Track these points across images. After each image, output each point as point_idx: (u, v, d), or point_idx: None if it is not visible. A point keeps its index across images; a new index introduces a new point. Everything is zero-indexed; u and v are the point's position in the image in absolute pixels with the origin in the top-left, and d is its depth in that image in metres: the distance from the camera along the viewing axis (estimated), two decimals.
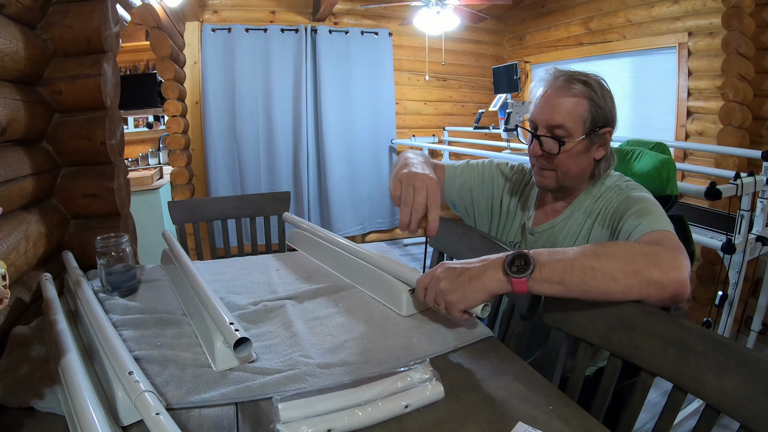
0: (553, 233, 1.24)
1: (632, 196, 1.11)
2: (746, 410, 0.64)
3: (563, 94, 1.13)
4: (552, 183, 1.21)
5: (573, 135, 1.13)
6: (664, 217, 1.00)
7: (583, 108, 1.12)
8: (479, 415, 0.73)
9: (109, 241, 1.20)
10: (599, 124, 1.14)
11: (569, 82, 1.13)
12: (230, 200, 2.13)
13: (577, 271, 0.82)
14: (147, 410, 0.64)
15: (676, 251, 0.86)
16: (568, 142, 1.13)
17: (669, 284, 0.81)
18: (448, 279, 0.90)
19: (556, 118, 1.13)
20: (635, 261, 0.82)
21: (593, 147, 1.16)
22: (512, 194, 1.39)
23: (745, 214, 2.16)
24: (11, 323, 1.06)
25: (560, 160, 1.16)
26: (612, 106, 1.15)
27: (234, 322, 0.86)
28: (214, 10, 4.32)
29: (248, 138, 4.42)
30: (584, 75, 1.14)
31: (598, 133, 1.15)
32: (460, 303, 0.88)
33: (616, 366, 0.87)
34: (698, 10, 3.31)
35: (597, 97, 1.12)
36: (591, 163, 1.19)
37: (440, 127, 5.29)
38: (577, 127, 1.13)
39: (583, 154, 1.16)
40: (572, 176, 1.19)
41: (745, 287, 2.60)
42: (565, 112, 1.12)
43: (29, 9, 1.27)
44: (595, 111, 1.12)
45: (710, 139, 3.24)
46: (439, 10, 3.67)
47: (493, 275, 0.87)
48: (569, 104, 1.12)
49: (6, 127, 1.12)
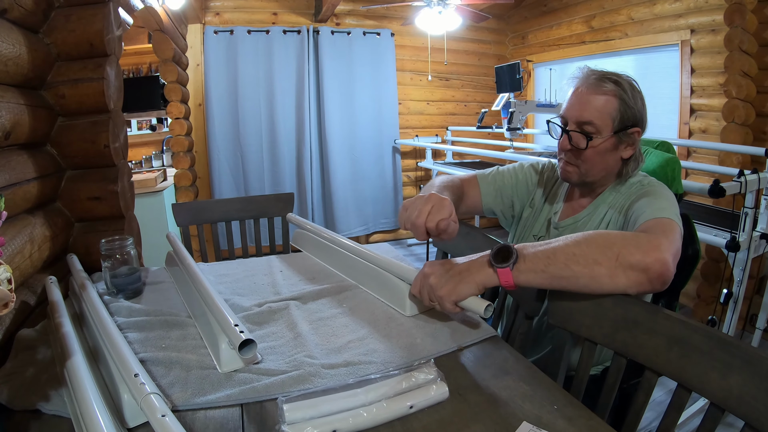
0: (576, 228, 1.25)
1: (650, 189, 1.12)
2: (751, 408, 0.64)
3: (594, 92, 1.14)
4: (575, 177, 1.22)
5: (601, 132, 1.14)
6: (670, 207, 1.01)
7: (612, 106, 1.13)
8: (484, 415, 0.73)
9: (113, 243, 1.21)
10: (628, 124, 1.14)
11: (601, 81, 1.14)
12: (234, 202, 2.14)
13: (560, 258, 0.85)
14: (153, 412, 0.64)
15: (660, 234, 0.87)
16: (596, 138, 1.14)
17: (650, 264, 0.81)
18: (436, 275, 0.95)
19: (586, 114, 1.14)
20: (614, 244, 0.85)
21: (621, 146, 1.17)
22: (543, 190, 1.40)
23: (749, 211, 2.15)
24: (17, 326, 1.07)
25: (587, 156, 1.17)
26: (642, 107, 1.16)
27: (239, 324, 0.86)
28: (216, 12, 4.33)
29: (251, 139, 4.43)
30: (616, 75, 1.16)
31: (627, 133, 1.15)
32: (451, 295, 0.92)
33: (620, 365, 0.87)
34: (700, 6, 3.29)
35: (627, 97, 1.13)
36: (618, 162, 1.20)
37: (443, 126, 5.28)
38: (605, 124, 1.14)
39: (610, 152, 1.17)
40: (596, 173, 1.20)
41: (750, 285, 2.60)
42: (594, 110, 1.14)
43: (32, 13, 1.27)
44: (625, 110, 1.13)
45: (714, 136, 3.23)
46: (441, 9, 3.67)
47: (480, 268, 0.92)
48: (599, 102, 1.14)
49: (10, 131, 1.13)
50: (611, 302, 0.86)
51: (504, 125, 3.79)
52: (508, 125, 3.64)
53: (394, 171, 5.04)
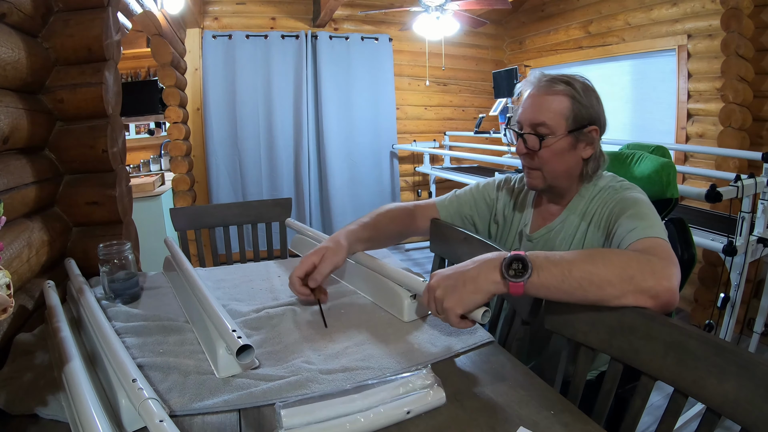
0: (550, 238, 1.25)
1: (627, 197, 1.11)
2: (747, 413, 0.64)
3: (546, 93, 1.17)
4: (540, 183, 1.23)
5: (555, 132, 1.15)
6: (658, 223, 1.01)
7: (564, 106, 1.15)
8: (481, 421, 0.73)
9: (111, 248, 1.21)
10: (584, 123, 1.16)
11: (552, 83, 1.17)
12: (232, 207, 2.14)
13: (576, 276, 0.83)
14: (150, 417, 0.64)
15: (668, 261, 0.87)
16: (549, 138, 1.16)
17: (661, 293, 0.82)
18: (442, 287, 0.90)
19: (539, 116, 1.16)
20: (630, 267, 0.83)
21: (579, 145, 1.18)
22: (507, 204, 1.41)
23: (746, 215, 2.15)
24: (14, 331, 1.07)
25: (544, 158, 1.18)
26: (598, 107, 1.18)
27: (236, 329, 0.86)
28: (215, 16, 4.34)
29: (249, 144, 4.44)
30: (568, 76, 1.18)
31: (583, 132, 1.16)
32: (457, 307, 0.87)
33: (617, 370, 0.87)
34: (697, 12, 3.31)
35: (579, 96, 1.15)
36: (579, 162, 1.20)
37: (441, 131, 5.29)
38: (558, 124, 1.15)
39: (568, 152, 1.18)
40: (559, 175, 1.20)
41: (747, 289, 2.60)
42: (546, 110, 1.15)
43: (31, 18, 1.28)
44: (578, 109, 1.15)
45: (710, 141, 3.24)
46: (438, 15, 3.69)
47: (489, 276, 0.87)
48: (551, 102, 1.16)
49: (8, 136, 1.13)
50: (608, 308, 0.86)
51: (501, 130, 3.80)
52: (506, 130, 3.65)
53: (392, 176, 5.05)
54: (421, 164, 5.04)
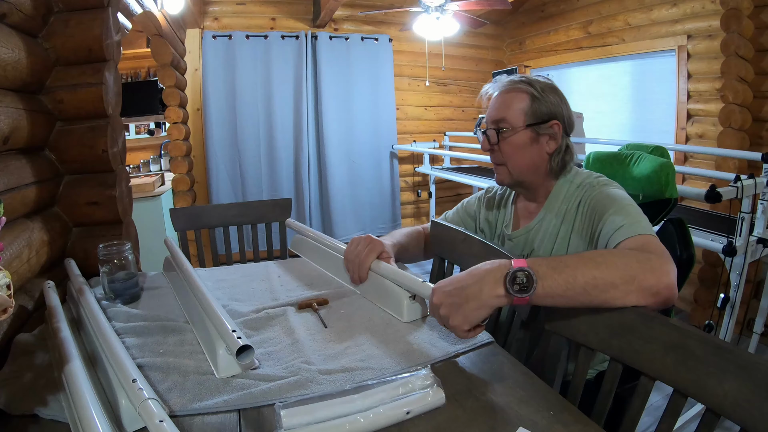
0: (529, 237, 1.28)
1: (605, 193, 1.12)
2: (746, 413, 0.65)
3: (505, 92, 1.24)
4: (506, 178, 1.28)
5: (514, 126, 1.21)
6: (642, 218, 1.02)
7: (522, 100, 1.21)
8: (480, 421, 0.74)
9: (111, 248, 1.21)
10: (543, 118, 1.20)
11: (511, 83, 1.25)
12: (232, 207, 2.14)
13: (580, 282, 0.83)
14: (150, 417, 0.64)
15: (664, 257, 0.88)
16: (506, 131, 1.22)
17: (662, 290, 0.82)
18: (446, 305, 0.89)
19: (499, 113, 1.23)
20: (631, 267, 0.84)
21: (541, 139, 1.22)
22: (489, 211, 1.46)
23: (746, 216, 2.15)
24: (14, 331, 1.07)
25: (506, 152, 1.24)
26: (560, 104, 1.22)
27: (236, 330, 0.86)
28: (215, 17, 4.34)
29: (249, 144, 4.43)
30: (529, 77, 1.25)
31: (544, 126, 1.21)
32: (464, 325, 0.87)
33: (616, 370, 0.87)
34: (697, 12, 3.31)
35: (538, 92, 1.20)
36: (543, 157, 1.24)
37: (441, 132, 5.29)
38: (517, 118, 1.21)
39: (530, 146, 1.22)
40: (524, 169, 1.25)
41: (747, 289, 2.60)
42: (506, 107, 1.22)
43: (31, 18, 1.28)
44: (537, 105, 1.20)
45: (710, 141, 3.24)
46: (438, 15, 3.69)
47: (492, 291, 0.85)
48: (510, 99, 1.23)
49: (8, 136, 1.13)
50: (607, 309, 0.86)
51: None
52: None
53: (392, 176, 5.05)
54: (421, 165, 5.04)
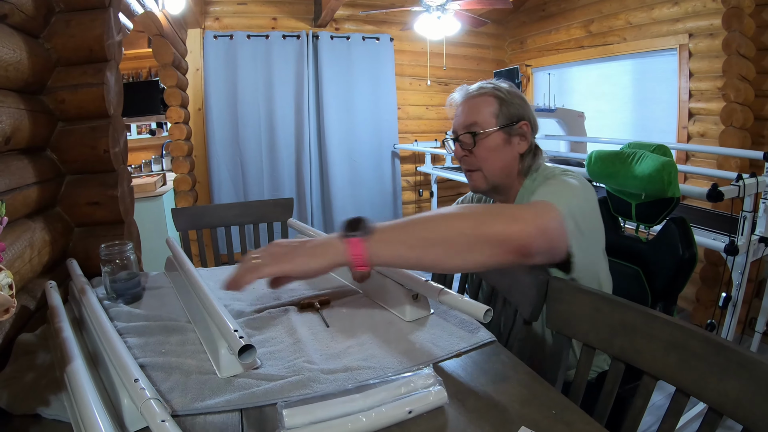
0: None
1: (555, 179, 1.13)
2: (749, 412, 0.65)
3: (473, 98, 1.25)
4: (482, 183, 1.27)
5: (487, 129, 1.22)
6: (566, 197, 0.99)
7: (491, 104, 1.22)
8: (482, 420, 0.74)
9: (113, 248, 1.21)
10: (513, 119, 1.22)
11: (478, 89, 1.25)
12: (233, 207, 2.14)
13: (419, 227, 0.82)
14: (153, 417, 0.65)
15: (526, 207, 0.87)
16: (481, 134, 1.22)
17: (512, 235, 0.81)
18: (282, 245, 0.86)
19: (470, 118, 1.23)
20: (477, 215, 0.84)
21: (513, 140, 1.23)
22: None
23: (748, 215, 2.15)
24: (16, 331, 1.07)
25: (480, 156, 1.23)
26: (525, 105, 1.24)
27: (238, 329, 0.86)
28: (216, 17, 4.34)
29: (251, 144, 4.43)
30: (492, 81, 1.26)
31: (515, 127, 1.22)
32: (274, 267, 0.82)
33: (618, 370, 0.87)
34: (698, 11, 3.31)
35: (504, 95, 1.22)
36: (515, 158, 1.24)
37: (442, 131, 5.28)
38: (488, 121, 1.22)
39: (503, 148, 1.23)
40: (498, 172, 1.25)
41: (749, 288, 2.60)
42: (476, 112, 1.23)
43: (32, 18, 1.28)
44: (506, 107, 1.21)
45: (712, 140, 3.24)
46: (439, 15, 3.68)
47: (330, 242, 0.84)
48: (479, 103, 1.24)
49: (10, 136, 1.13)
50: (609, 307, 0.86)
51: None
52: None
53: (393, 176, 5.04)
54: (422, 164, 5.03)
